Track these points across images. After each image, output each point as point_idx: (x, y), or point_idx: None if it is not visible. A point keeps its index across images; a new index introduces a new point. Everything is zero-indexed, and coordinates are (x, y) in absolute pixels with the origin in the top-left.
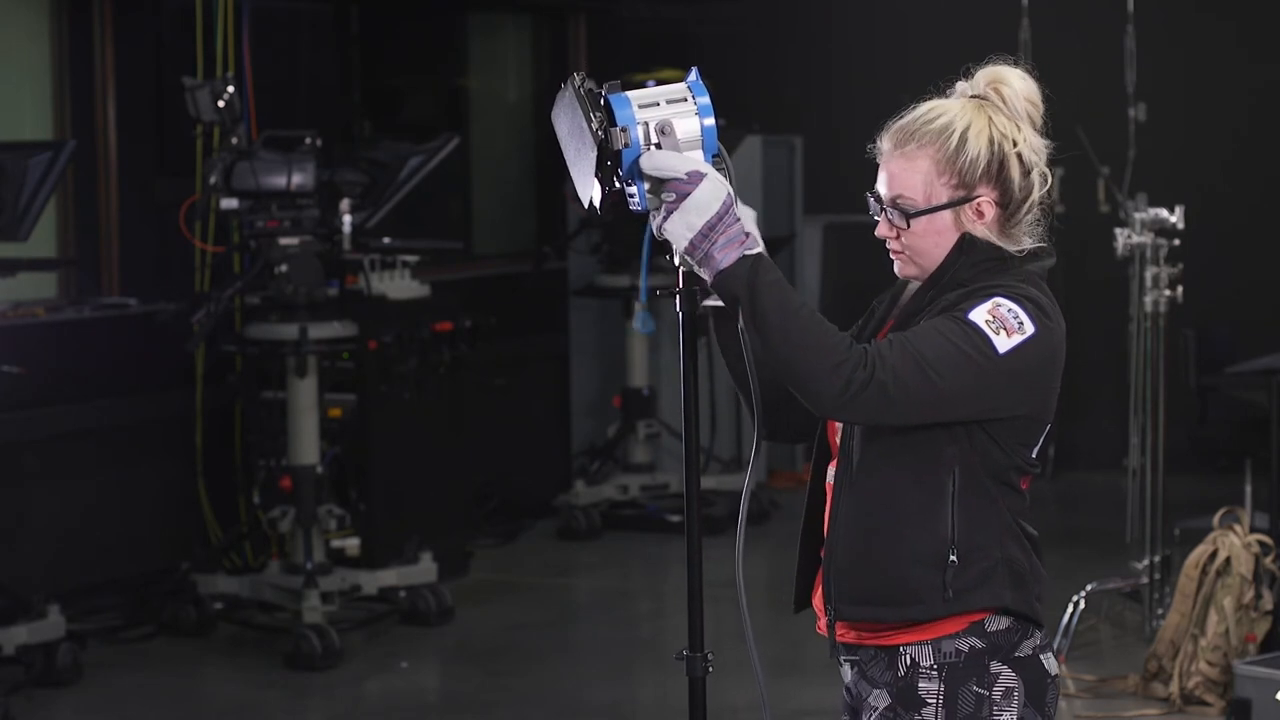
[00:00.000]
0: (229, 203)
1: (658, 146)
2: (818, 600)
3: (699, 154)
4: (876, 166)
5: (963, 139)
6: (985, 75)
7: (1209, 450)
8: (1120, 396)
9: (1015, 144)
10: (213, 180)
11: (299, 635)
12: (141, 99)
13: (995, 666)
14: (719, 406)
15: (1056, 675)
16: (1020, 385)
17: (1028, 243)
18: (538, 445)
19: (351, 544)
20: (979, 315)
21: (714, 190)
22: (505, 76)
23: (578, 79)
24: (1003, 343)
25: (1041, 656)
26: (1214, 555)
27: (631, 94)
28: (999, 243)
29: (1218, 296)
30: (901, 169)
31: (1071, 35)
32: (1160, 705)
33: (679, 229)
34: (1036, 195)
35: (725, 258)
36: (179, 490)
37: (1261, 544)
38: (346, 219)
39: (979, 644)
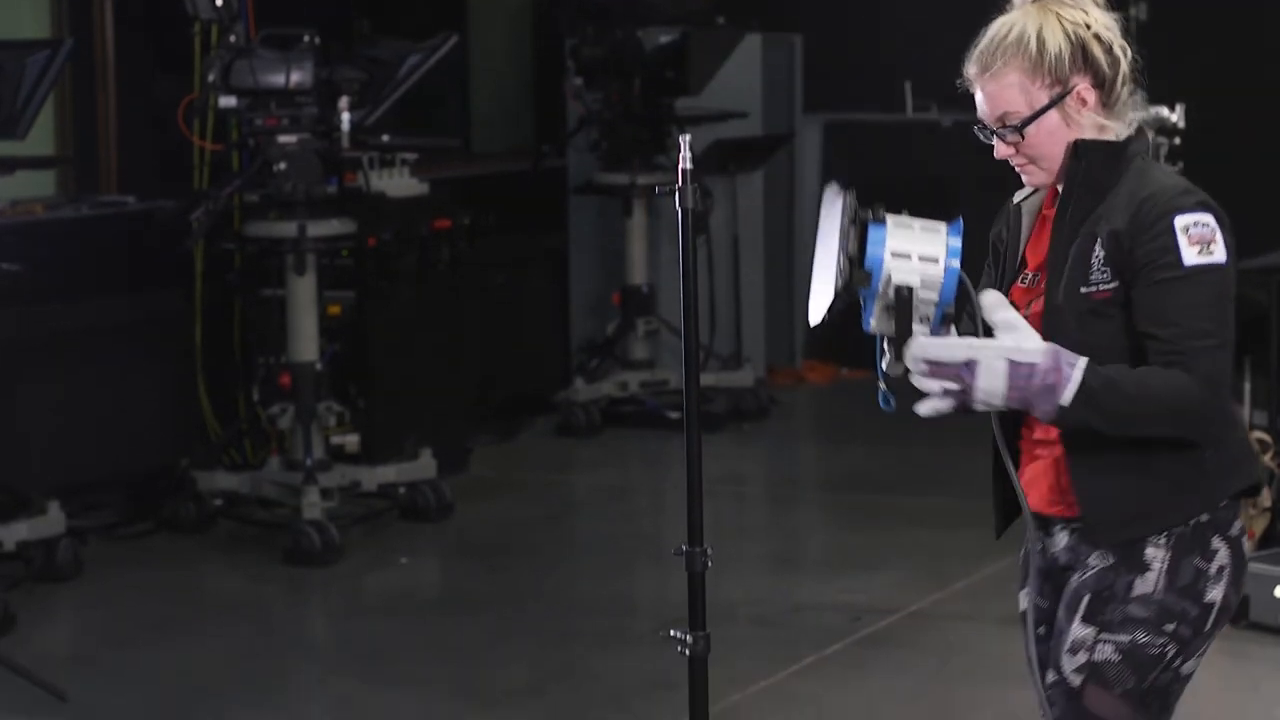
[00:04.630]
0: (227, 101)
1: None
2: (1039, 493)
3: (958, 341)
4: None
5: (1040, 40)
6: None
7: None
8: None
9: (1089, 26)
10: (211, 78)
11: (298, 531)
12: None
13: (1216, 542)
14: (718, 303)
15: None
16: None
17: (1134, 117)
18: (537, 342)
19: (351, 440)
20: (1190, 255)
21: (993, 373)
22: None
23: (849, 199)
24: (1217, 252)
25: (1243, 537)
26: None
27: (889, 236)
28: (1108, 123)
29: (1217, 195)
30: (996, 89)
31: None
32: None
33: (988, 402)
34: (1126, 66)
35: (1048, 410)
36: (178, 387)
37: (1260, 441)
38: (345, 117)
39: (1205, 517)
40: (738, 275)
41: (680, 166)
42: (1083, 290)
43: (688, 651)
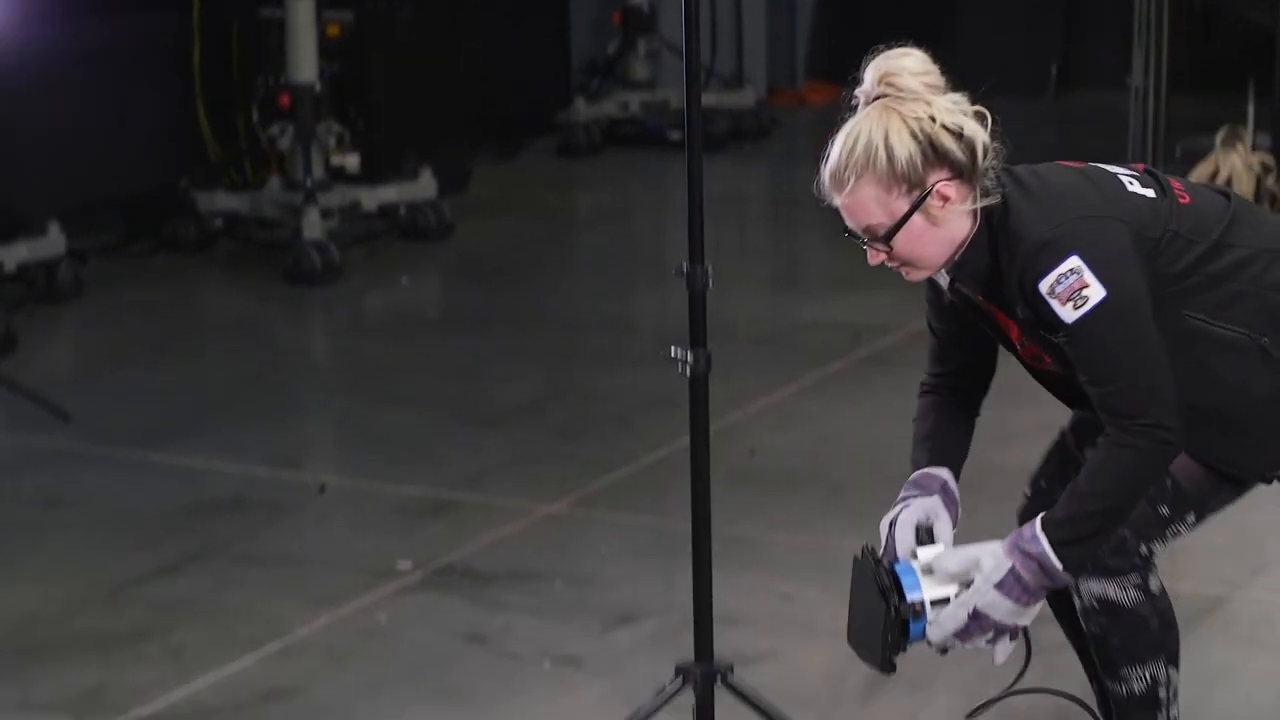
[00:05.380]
0: None
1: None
2: None
3: (954, 588)
4: None
5: (889, 148)
6: (873, 74)
7: (1212, 70)
8: (1124, 14)
9: (934, 118)
10: None
11: (299, 250)
12: None
13: None
14: (720, 23)
15: None
16: (1131, 276)
17: (991, 179)
18: (538, 62)
19: (351, 160)
20: (1068, 314)
21: (995, 606)
22: None
23: (891, 604)
24: (1092, 293)
25: None
26: (1215, 174)
27: (929, 623)
28: (976, 206)
29: None
30: (855, 205)
31: None
32: None
33: (1023, 619)
34: (983, 138)
35: (1060, 580)
36: (177, 108)
37: (1263, 164)
38: None
39: None
40: None
41: None
42: (1056, 345)
43: (688, 370)
